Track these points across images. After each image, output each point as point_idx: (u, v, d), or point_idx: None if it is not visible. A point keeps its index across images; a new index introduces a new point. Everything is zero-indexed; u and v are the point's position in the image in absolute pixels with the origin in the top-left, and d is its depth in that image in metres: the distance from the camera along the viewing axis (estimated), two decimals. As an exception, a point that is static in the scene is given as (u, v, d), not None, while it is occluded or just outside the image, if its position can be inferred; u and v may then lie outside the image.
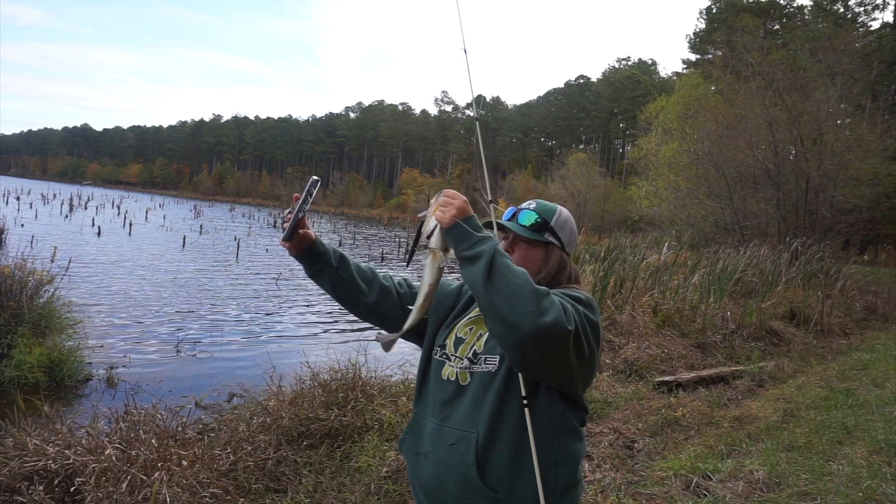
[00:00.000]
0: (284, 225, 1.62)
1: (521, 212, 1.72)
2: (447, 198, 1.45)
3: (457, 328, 1.69)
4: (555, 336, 1.30)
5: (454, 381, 1.59)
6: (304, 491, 3.32)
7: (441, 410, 1.59)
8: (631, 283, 8.63)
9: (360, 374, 4.48)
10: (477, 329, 1.64)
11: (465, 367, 1.59)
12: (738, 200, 18.70)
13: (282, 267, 17.73)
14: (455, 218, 1.42)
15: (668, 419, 4.95)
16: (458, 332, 1.67)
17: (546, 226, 1.68)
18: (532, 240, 1.66)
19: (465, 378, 1.58)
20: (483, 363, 1.56)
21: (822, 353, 8.12)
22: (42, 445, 3.08)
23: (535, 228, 1.67)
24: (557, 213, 1.72)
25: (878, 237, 27.97)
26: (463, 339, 1.64)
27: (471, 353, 1.60)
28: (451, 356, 1.63)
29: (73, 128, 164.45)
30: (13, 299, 6.08)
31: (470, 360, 1.59)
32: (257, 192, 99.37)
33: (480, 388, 1.53)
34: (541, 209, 1.71)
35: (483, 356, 1.57)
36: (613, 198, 45.18)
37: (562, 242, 1.69)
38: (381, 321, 1.78)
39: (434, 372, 1.67)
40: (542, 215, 1.70)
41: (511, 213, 1.74)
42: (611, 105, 75.61)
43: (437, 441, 1.57)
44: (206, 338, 8.75)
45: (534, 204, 1.73)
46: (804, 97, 17.10)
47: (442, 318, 1.76)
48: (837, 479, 3.76)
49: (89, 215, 33.20)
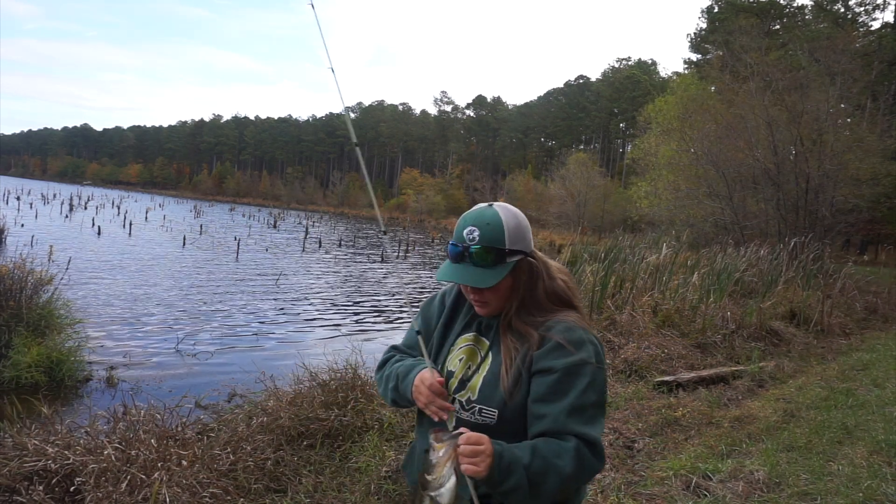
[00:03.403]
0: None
1: (469, 251, 1.41)
2: (472, 445, 1.23)
3: (448, 359, 1.54)
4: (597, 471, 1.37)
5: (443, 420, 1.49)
6: (304, 491, 3.32)
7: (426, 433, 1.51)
8: (631, 283, 8.63)
9: (359, 373, 4.48)
10: (467, 360, 1.50)
11: (455, 412, 1.46)
12: (737, 200, 18.70)
13: (282, 267, 17.74)
14: (491, 466, 1.23)
15: (668, 419, 4.95)
16: (448, 365, 1.52)
17: (503, 253, 1.42)
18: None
19: (452, 420, 1.45)
20: (477, 413, 1.43)
21: (822, 354, 8.11)
22: (41, 446, 3.08)
23: (493, 262, 1.41)
24: (504, 226, 1.42)
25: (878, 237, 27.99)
26: (452, 373, 1.50)
27: (464, 397, 1.46)
28: None
29: (73, 128, 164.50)
30: (12, 299, 6.08)
31: (461, 406, 1.46)
32: (257, 192, 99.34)
33: None
34: (487, 235, 1.41)
35: (477, 406, 1.44)
36: (613, 198, 45.18)
37: (523, 252, 1.46)
38: None
39: None
40: (493, 243, 1.41)
41: (457, 253, 1.43)
42: (611, 105, 75.56)
43: None
44: (206, 338, 8.76)
45: (476, 232, 1.41)
46: (803, 97, 17.09)
47: (431, 334, 1.61)
48: (837, 480, 3.76)
49: (89, 215, 33.20)
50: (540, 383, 1.37)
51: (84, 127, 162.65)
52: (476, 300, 1.48)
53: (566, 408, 1.33)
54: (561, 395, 1.34)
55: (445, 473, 1.21)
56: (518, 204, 49.37)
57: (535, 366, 1.39)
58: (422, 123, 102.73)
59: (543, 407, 1.35)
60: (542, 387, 1.36)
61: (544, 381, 1.37)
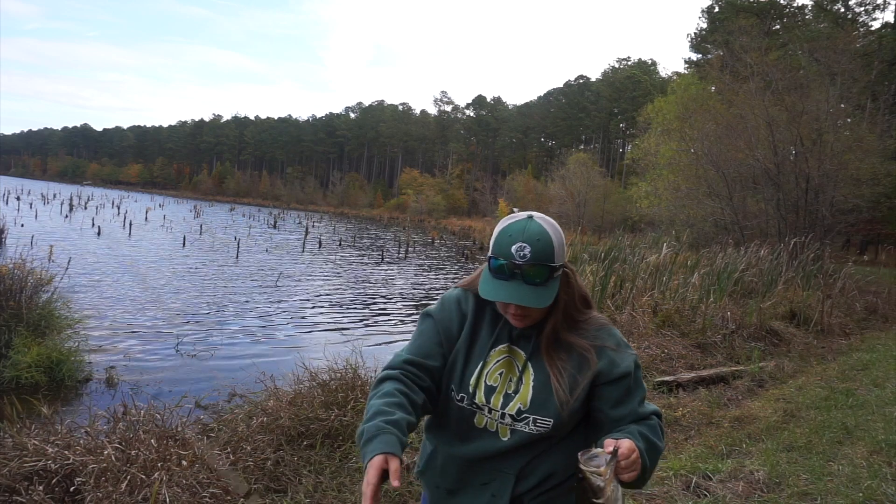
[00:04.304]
0: None
1: (521, 268, 1.36)
2: (631, 459, 1.28)
3: (484, 374, 1.48)
4: None
5: (492, 432, 1.47)
6: (303, 491, 3.32)
7: (468, 446, 1.49)
8: (631, 283, 8.63)
9: (359, 374, 4.48)
10: (507, 374, 1.48)
11: (506, 424, 1.46)
12: (737, 200, 18.70)
13: (282, 267, 17.74)
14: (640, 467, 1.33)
15: (668, 419, 4.95)
16: (486, 380, 1.48)
17: (553, 269, 1.39)
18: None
19: (506, 433, 1.46)
20: (531, 424, 1.44)
21: (822, 354, 8.11)
22: (41, 446, 3.07)
23: (545, 279, 1.38)
24: (552, 241, 1.38)
25: (878, 237, 27.99)
26: (494, 388, 1.47)
27: (514, 409, 1.44)
28: (481, 406, 1.46)
29: (73, 128, 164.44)
30: (12, 299, 6.08)
31: (513, 418, 1.45)
32: (257, 192, 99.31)
33: (525, 443, 1.45)
34: (538, 252, 1.36)
35: (531, 416, 1.44)
36: (613, 198, 45.13)
37: (564, 264, 1.46)
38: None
39: (456, 410, 1.50)
40: (544, 260, 1.37)
41: (505, 269, 1.37)
42: (611, 105, 75.56)
43: (465, 478, 1.50)
44: (206, 338, 8.75)
45: (527, 249, 1.35)
46: (803, 97, 17.09)
47: (454, 345, 1.53)
48: (838, 480, 3.76)
49: (89, 215, 33.20)
50: (616, 388, 1.47)
51: (84, 127, 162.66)
52: (518, 314, 1.45)
53: (641, 398, 1.48)
54: (635, 390, 1.48)
55: (614, 488, 1.28)
56: (518, 204, 49.33)
57: (608, 376, 1.47)
58: (422, 123, 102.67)
59: (624, 408, 1.46)
60: (620, 390, 1.47)
61: (621, 385, 1.47)
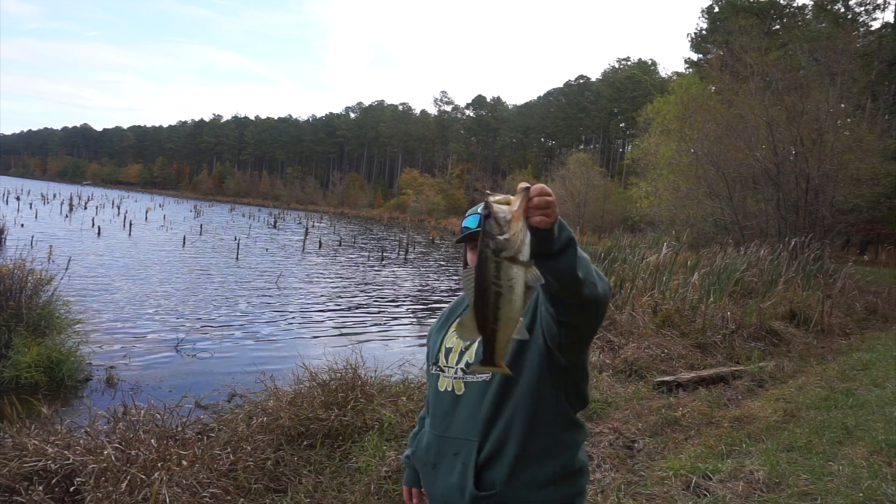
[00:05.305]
0: None
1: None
2: (544, 196, 1.13)
3: (445, 339, 1.73)
4: (608, 299, 1.44)
5: (451, 392, 1.64)
6: (304, 491, 3.32)
7: (442, 422, 1.65)
8: (631, 283, 8.63)
9: (359, 374, 4.48)
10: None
11: (458, 377, 1.64)
12: (737, 200, 18.69)
13: (282, 267, 17.73)
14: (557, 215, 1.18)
15: (668, 419, 4.95)
16: (446, 343, 1.72)
17: None
18: None
19: (460, 388, 1.63)
20: (479, 373, 1.59)
21: (822, 354, 8.11)
22: (41, 446, 3.08)
23: None
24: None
25: (878, 237, 27.95)
26: (451, 349, 1.69)
27: (462, 363, 1.63)
28: (444, 368, 1.68)
29: (73, 128, 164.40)
30: (12, 299, 6.08)
31: (463, 371, 1.63)
32: (257, 192, 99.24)
33: (476, 397, 1.58)
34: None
35: None
36: (613, 198, 45.13)
37: None
38: None
39: (433, 385, 1.72)
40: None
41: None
42: (611, 105, 75.53)
43: (441, 451, 1.63)
44: (206, 338, 8.75)
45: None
46: (803, 97, 17.08)
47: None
48: (838, 480, 3.76)
49: (89, 215, 33.19)
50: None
51: (84, 127, 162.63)
52: None
53: None
54: None
55: (521, 228, 1.08)
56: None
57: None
58: (422, 123, 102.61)
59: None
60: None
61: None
